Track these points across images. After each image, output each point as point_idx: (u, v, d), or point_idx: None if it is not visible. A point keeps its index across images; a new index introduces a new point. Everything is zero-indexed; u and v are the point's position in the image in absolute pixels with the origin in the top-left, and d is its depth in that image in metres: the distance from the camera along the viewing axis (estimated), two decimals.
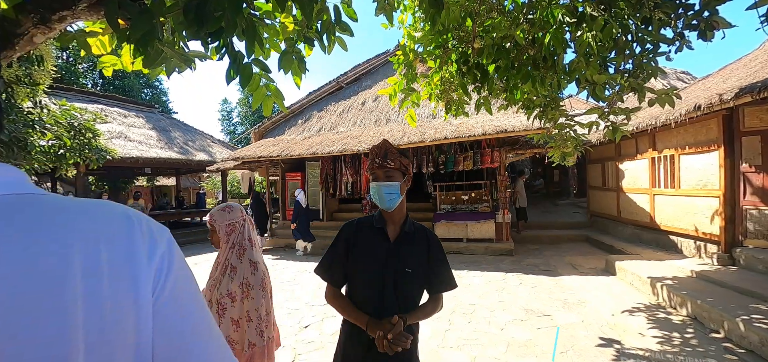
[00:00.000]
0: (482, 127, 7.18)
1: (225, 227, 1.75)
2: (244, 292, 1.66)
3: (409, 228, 1.39)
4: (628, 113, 3.21)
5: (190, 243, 11.39)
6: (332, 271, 1.40)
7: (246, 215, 1.83)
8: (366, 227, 1.40)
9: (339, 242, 1.40)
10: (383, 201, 1.34)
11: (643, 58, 3.04)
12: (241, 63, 1.89)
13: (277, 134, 11.60)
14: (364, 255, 1.35)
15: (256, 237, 1.85)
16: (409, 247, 1.37)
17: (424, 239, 1.41)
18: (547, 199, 14.79)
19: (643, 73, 3.06)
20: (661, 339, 3.39)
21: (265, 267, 1.78)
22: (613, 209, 8.08)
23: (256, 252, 1.77)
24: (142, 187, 18.96)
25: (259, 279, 1.70)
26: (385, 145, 1.38)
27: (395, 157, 1.36)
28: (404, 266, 1.33)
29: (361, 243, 1.37)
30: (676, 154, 5.86)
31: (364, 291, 1.35)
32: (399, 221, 1.39)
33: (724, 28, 2.94)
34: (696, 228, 5.50)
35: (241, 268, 1.69)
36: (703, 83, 6.43)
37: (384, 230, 1.37)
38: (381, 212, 1.40)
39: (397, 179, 1.35)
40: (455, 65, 3.66)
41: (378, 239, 1.36)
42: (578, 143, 4.38)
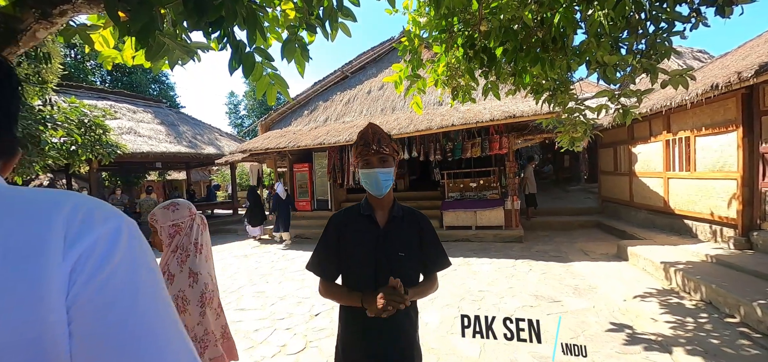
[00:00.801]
0: (490, 113, 7.06)
1: (168, 229, 1.53)
2: (180, 307, 1.43)
3: (398, 212, 1.38)
4: (639, 95, 3.10)
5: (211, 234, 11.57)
6: (324, 266, 1.37)
7: (196, 215, 1.61)
8: (354, 215, 1.39)
9: (328, 235, 1.38)
10: (380, 187, 1.32)
11: (656, 38, 2.92)
12: (243, 52, 1.88)
13: (284, 126, 11.62)
14: (356, 244, 1.34)
15: (206, 242, 1.61)
16: (399, 231, 1.36)
17: (415, 222, 1.40)
18: (557, 185, 14.60)
19: (656, 54, 2.95)
20: (674, 324, 3.34)
21: (210, 278, 1.55)
22: (626, 193, 7.92)
23: (200, 260, 1.52)
24: (154, 181, 19.29)
25: (197, 293, 1.47)
26: (376, 130, 1.35)
27: (388, 142, 1.35)
28: (397, 250, 1.32)
29: (350, 233, 1.35)
30: (692, 136, 5.68)
31: (359, 280, 1.33)
32: (387, 206, 1.38)
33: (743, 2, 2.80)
34: (712, 212, 5.36)
35: (179, 278, 1.47)
36: (721, 62, 6.19)
37: (372, 216, 1.36)
38: (368, 200, 1.39)
39: (391, 163, 1.35)
40: (461, 50, 3.57)
41: (367, 227, 1.35)
42: (588, 128, 4.27)
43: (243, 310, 4.33)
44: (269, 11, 2.28)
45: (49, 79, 3.89)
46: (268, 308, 4.36)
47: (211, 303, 1.51)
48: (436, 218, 8.51)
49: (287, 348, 3.24)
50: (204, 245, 1.57)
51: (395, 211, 1.38)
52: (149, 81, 22.60)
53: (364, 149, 1.33)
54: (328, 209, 10.57)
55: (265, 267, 6.52)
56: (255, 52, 1.92)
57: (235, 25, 1.93)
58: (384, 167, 1.32)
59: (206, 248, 1.59)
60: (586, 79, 9.67)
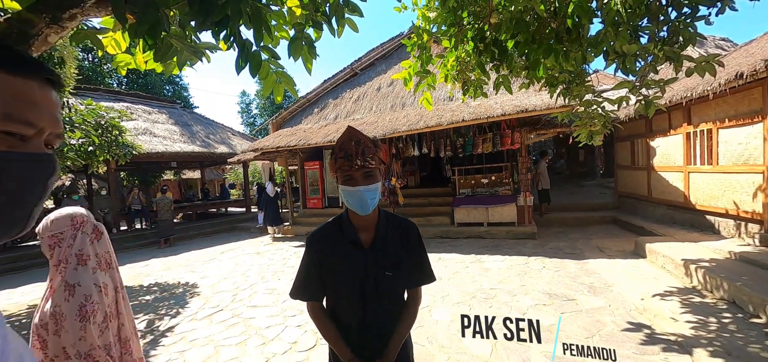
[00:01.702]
0: (501, 107, 6.93)
1: (47, 240, 1.38)
2: (57, 325, 1.28)
3: (383, 230, 1.25)
4: (662, 84, 2.96)
5: (217, 233, 11.81)
6: (309, 290, 1.26)
7: (84, 224, 1.43)
8: (336, 238, 1.24)
9: (310, 258, 1.25)
10: (365, 207, 1.16)
11: (679, 24, 2.79)
12: (249, 51, 1.88)
13: (294, 124, 11.70)
14: (339, 271, 1.21)
15: (101, 253, 1.44)
16: (385, 249, 1.23)
17: (401, 234, 1.29)
18: (571, 180, 14.28)
19: (679, 41, 2.81)
20: (695, 324, 3.22)
21: (95, 290, 1.36)
22: (644, 188, 7.68)
23: (82, 272, 1.35)
24: (170, 180, 19.74)
25: (74, 306, 1.30)
26: (359, 139, 1.17)
27: (373, 152, 1.18)
28: (383, 270, 1.21)
29: (333, 258, 1.22)
30: (714, 128, 5.45)
31: (346, 305, 1.24)
32: (372, 223, 1.24)
33: None
34: (736, 207, 5.14)
35: (57, 294, 1.31)
36: (746, 49, 5.90)
37: (356, 240, 1.21)
38: (349, 218, 1.24)
39: (377, 177, 1.19)
40: (471, 43, 3.50)
41: (351, 250, 1.21)
42: (606, 121, 4.13)
43: (255, 307, 4.38)
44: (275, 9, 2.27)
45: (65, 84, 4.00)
46: (279, 305, 4.40)
47: (94, 316, 1.33)
48: (448, 214, 8.44)
49: (298, 345, 3.26)
50: (93, 257, 1.41)
51: (380, 229, 1.24)
52: (164, 82, 23.10)
53: (345, 162, 1.16)
54: (339, 206, 10.61)
55: (277, 264, 6.59)
56: (261, 51, 1.92)
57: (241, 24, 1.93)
58: (369, 183, 1.16)
59: (95, 260, 1.42)
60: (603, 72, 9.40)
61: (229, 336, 3.56)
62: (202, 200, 15.57)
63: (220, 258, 7.59)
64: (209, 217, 14.08)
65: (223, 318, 4.10)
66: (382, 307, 1.24)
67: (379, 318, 1.24)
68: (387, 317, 1.25)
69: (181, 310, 4.43)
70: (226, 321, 4.00)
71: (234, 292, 5.06)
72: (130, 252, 9.18)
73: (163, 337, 3.64)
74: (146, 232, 10.85)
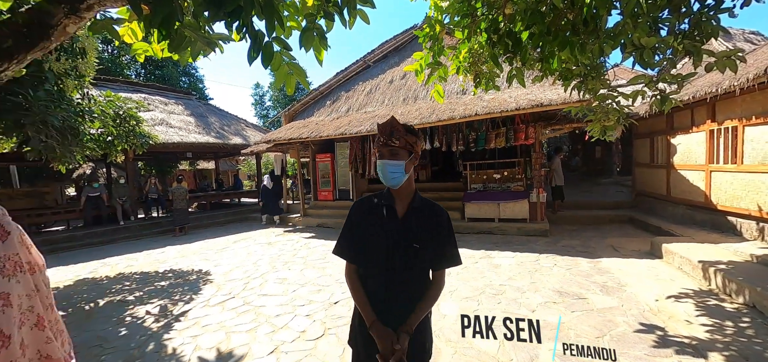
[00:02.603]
0: (515, 101, 6.80)
1: None
2: None
3: (418, 204, 1.41)
4: (680, 80, 2.85)
5: (230, 222, 12.05)
6: (347, 249, 1.43)
7: None
8: (375, 203, 1.44)
9: (352, 220, 1.45)
10: (387, 179, 1.37)
11: (701, 16, 2.67)
12: (261, 42, 1.89)
13: (307, 116, 11.77)
14: (373, 233, 1.38)
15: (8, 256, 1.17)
16: (417, 223, 1.38)
17: (433, 215, 1.42)
18: (587, 178, 13.96)
19: (701, 34, 2.69)
20: (711, 328, 3.12)
21: None
22: (662, 187, 7.44)
23: None
24: (185, 170, 20.22)
25: None
26: (391, 123, 1.38)
27: (401, 135, 1.37)
28: (412, 241, 1.35)
29: (370, 220, 1.41)
30: (740, 125, 5.22)
31: (372, 267, 1.38)
32: (407, 197, 1.41)
33: None
34: (760, 208, 4.93)
35: None
36: None
37: (392, 206, 1.40)
38: (389, 190, 1.43)
39: (402, 157, 1.37)
40: (485, 35, 3.43)
41: (386, 216, 1.39)
42: (622, 116, 4.01)
43: (266, 296, 4.47)
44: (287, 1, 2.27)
45: (86, 74, 4.12)
46: (289, 294, 4.47)
47: None
48: (458, 209, 8.38)
49: (306, 334, 3.31)
50: None
51: (415, 203, 1.41)
52: (180, 74, 23.52)
53: (379, 140, 1.40)
54: (350, 199, 10.67)
55: (288, 255, 6.69)
56: (273, 42, 1.93)
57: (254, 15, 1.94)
58: (393, 159, 1.36)
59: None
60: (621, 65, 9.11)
61: (240, 323, 3.65)
62: (216, 190, 15.89)
63: (233, 247, 7.75)
64: (223, 207, 14.37)
65: (234, 305, 4.19)
66: (406, 278, 1.35)
67: (403, 290, 1.35)
68: (411, 289, 1.37)
69: (195, 296, 4.55)
70: (237, 308, 4.09)
71: (245, 281, 5.16)
72: (146, 239, 9.47)
73: (177, 321, 3.76)
74: (162, 220, 11.15)
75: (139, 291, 4.88)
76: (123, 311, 4.15)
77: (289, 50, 2.04)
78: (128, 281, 5.46)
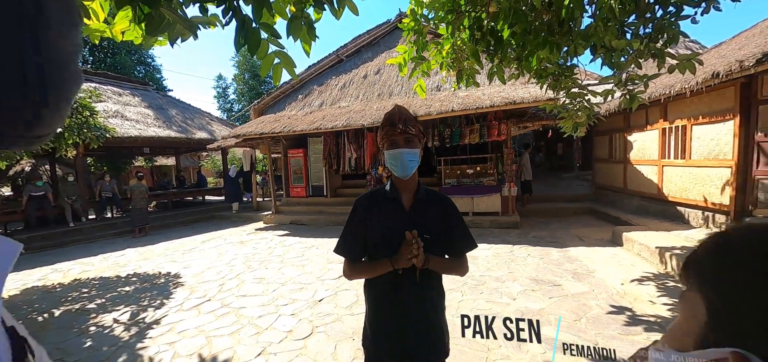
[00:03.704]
0: (490, 98, 7.02)
1: None
2: None
3: (423, 195, 1.38)
4: (646, 80, 3.09)
5: (197, 222, 11.42)
6: (351, 248, 1.38)
7: None
8: (379, 198, 1.39)
9: (355, 217, 1.39)
10: (405, 167, 1.31)
11: (664, 22, 2.89)
12: (249, 28, 1.79)
13: (278, 110, 11.40)
14: (381, 226, 1.34)
15: None
16: (424, 213, 1.35)
17: (439, 203, 1.39)
18: (551, 172, 14.77)
19: (663, 38, 2.92)
20: (671, 306, 3.43)
21: None
22: (620, 181, 8.05)
23: None
24: (142, 167, 18.83)
25: None
26: (402, 110, 1.34)
27: (415, 123, 1.35)
28: (422, 232, 1.29)
29: (376, 215, 1.36)
30: (689, 124, 5.76)
31: None
32: (412, 188, 1.38)
33: None
34: (705, 199, 5.48)
35: None
36: (717, 51, 6.24)
37: (398, 199, 1.36)
38: (393, 182, 1.39)
39: (417, 145, 1.34)
40: (467, 32, 3.49)
41: (393, 209, 1.35)
42: (591, 113, 4.28)
43: (245, 296, 4.28)
44: None
45: None
46: (269, 294, 4.32)
47: None
48: None
49: (294, 334, 3.22)
50: None
51: (420, 194, 1.37)
52: (134, 63, 21.82)
53: (390, 129, 1.31)
54: (324, 195, 10.50)
55: (263, 253, 6.46)
56: (261, 29, 1.83)
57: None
58: (410, 147, 1.31)
59: None
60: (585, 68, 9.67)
61: (220, 326, 3.46)
62: (177, 187, 14.96)
63: (202, 248, 7.34)
64: (186, 205, 13.57)
65: (211, 308, 3.98)
66: (417, 272, 1.29)
67: (414, 284, 1.30)
68: (421, 283, 1.32)
69: (166, 301, 4.26)
70: (215, 311, 3.88)
71: (220, 282, 4.91)
72: (101, 242, 8.72)
73: (150, 329, 3.49)
74: (118, 221, 10.32)
75: (100, 298, 4.48)
76: (85, 320, 3.78)
77: (277, 38, 1.95)
78: (86, 287, 5.00)
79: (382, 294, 1.35)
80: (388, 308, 1.33)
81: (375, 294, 1.37)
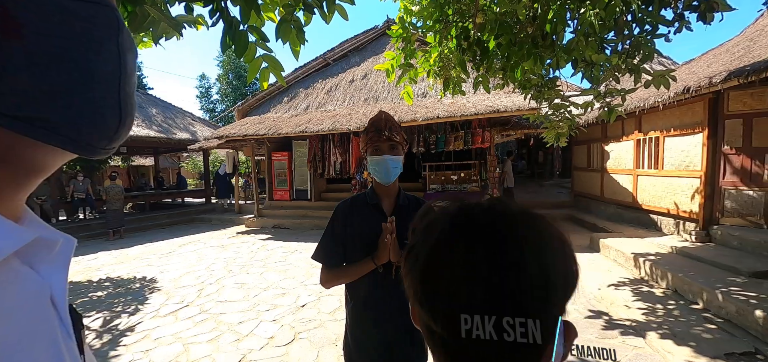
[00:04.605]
0: (474, 106, 7.15)
1: None
2: None
3: (403, 201, 1.40)
4: (623, 93, 3.23)
5: (175, 224, 11.07)
6: (330, 254, 1.37)
7: None
8: (360, 204, 1.40)
9: (335, 223, 1.38)
10: (389, 174, 1.33)
11: (641, 40, 3.04)
12: (236, 30, 1.77)
13: (262, 112, 11.23)
14: (361, 232, 1.34)
15: None
16: (405, 219, 1.34)
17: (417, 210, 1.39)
18: (531, 180, 15.13)
19: (639, 54, 3.07)
20: (645, 311, 3.56)
21: None
22: (597, 189, 8.33)
23: None
24: (118, 167, 18.12)
25: None
26: (387, 117, 1.36)
27: (399, 130, 1.38)
28: (401, 238, 1.31)
29: (356, 221, 1.36)
30: (661, 136, 6.03)
31: None
32: (393, 194, 1.39)
33: (723, 10, 2.96)
34: (676, 207, 5.75)
35: None
36: (687, 67, 6.59)
37: (379, 205, 1.37)
38: (374, 189, 1.40)
39: (401, 152, 1.38)
40: (455, 41, 3.56)
41: (374, 215, 1.35)
42: (572, 124, 4.42)
43: (225, 302, 4.17)
44: None
45: None
46: (250, 299, 4.22)
47: None
48: None
49: (275, 340, 3.15)
50: None
51: (401, 200, 1.39)
52: None
53: (375, 135, 1.33)
54: (308, 199, 10.39)
55: (245, 258, 6.32)
56: (249, 31, 1.82)
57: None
58: (394, 154, 1.34)
59: None
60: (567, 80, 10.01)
61: (198, 333, 3.36)
62: (155, 189, 14.47)
63: (180, 251, 7.12)
64: (164, 207, 13.13)
65: (189, 314, 3.85)
66: (397, 278, 1.26)
67: (396, 288, 1.29)
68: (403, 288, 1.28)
69: (141, 307, 4.10)
70: (193, 317, 3.76)
71: (199, 287, 4.77)
72: None
73: (123, 336, 3.34)
74: (92, 222, 9.89)
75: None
76: None
77: (265, 41, 1.93)
78: None
79: (362, 295, 1.34)
80: (370, 308, 1.32)
81: (355, 297, 1.37)
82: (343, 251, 1.36)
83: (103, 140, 0.32)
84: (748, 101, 4.72)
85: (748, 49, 5.38)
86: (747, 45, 5.66)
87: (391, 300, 1.30)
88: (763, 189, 4.72)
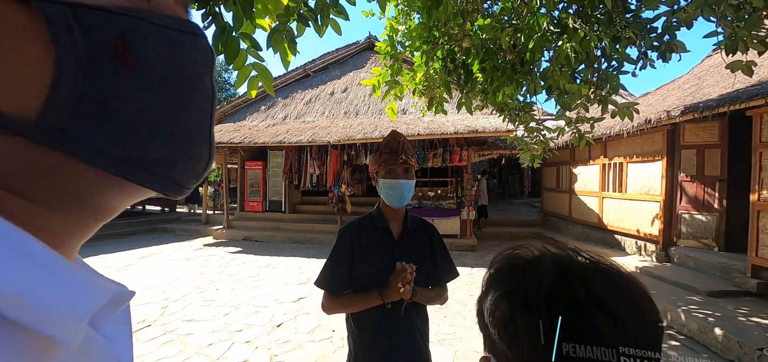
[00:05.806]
0: (454, 126, 7.33)
1: None
2: None
3: (411, 224, 1.37)
4: (592, 121, 3.44)
5: (135, 234, 10.32)
6: (335, 281, 1.31)
7: None
8: (368, 227, 1.35)
9: (342, 249, 1.32)
10: (402, 199, 1.30)
11: (608, 73, 3.27)
12: (229, 36, 1.71)
13: (238, 120, 10.87)
14: (370, 257, 1.30)
15: None
16: (412, 243, 1.34)
17: (426, 233, 1.40)
18: (502, 198, 15.63)
19: (607, 87, 3.31)
20: None
21: None
22: (565, 209, 8.73)
23: None
24: None
25: None
26: (403, 140, 1.33)
27: (413, 153, 1.34)
28: (411, 262, 1.28)
29: (365, 245, 1.31)
30: (625, 162, 6.46)
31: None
32: (401, 217, 1.37)
33: (681, 51, 3.25)
34: (638, 229, 6.13)
35: None
36: (645, 100, 7.16)
37: (388, 228, 1.33)
38: (381, 211, 1.36)
39: (413, 175, 1.35)
40: (439, 63, 3.65)
41: (382, 239, 1.32)
42: (546, 147, 4.63)
43: (192, 321, 3.88)
44: None
45: None
46: (221, 318, 3.97)
47: None
48: None
49: None
50: None
51: (409, 223, 1.37)
52: None
53: (391, 157, 1.29)
54: (281, 211, 10.09)
55: (213, 272, 5.97)
56: (241, 38, 1.77)
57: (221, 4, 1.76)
58: (408, 178, 1.31)
59: None
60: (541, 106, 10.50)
61: (163, 357, 3.09)
62: None
63: (141, 264, 6.62)
64: (123, 215, 12.22)
65: (152, 334, 3.55)
66: (405, 303, 1.26)
67: (407, 315, 1.27)
68: (412, 313, 1.29)
69: None
70: (156, 338, 3.47)
71: (163, 304, 4.43)
72: None
73: None
74: None
75: None
76: None
77: (257, 49, 1.88)
78: None
79: (370, 325, 1.29)
80: (378, 339, 1.27)
81: (361, 327, 1.30)
82: (350, 277, 1.31)
83: (192, 178, 0.29)
84: (701, 134, 5.18)
85: (697, 86, 5.94)
86: (696, 83, 6.25)
87: (399, 329, 1.27)
88: (713, 214, 5.15)
